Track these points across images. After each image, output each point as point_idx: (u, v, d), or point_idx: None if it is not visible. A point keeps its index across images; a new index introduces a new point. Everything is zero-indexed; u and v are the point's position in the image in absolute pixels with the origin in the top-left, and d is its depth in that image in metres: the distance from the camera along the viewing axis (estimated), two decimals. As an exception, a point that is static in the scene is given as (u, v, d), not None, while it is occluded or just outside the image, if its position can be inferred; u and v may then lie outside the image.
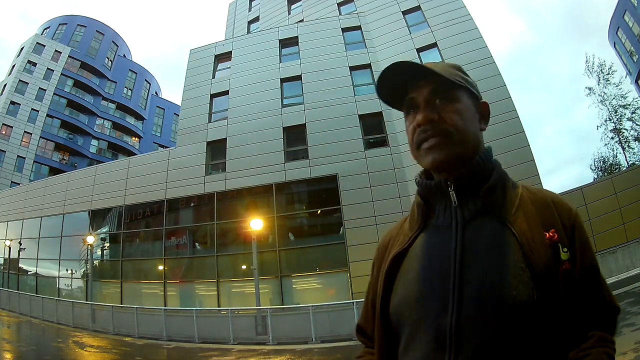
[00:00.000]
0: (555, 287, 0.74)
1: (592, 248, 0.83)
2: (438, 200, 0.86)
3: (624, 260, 11.43)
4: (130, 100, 37.94)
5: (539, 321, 0.72)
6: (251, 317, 11.30)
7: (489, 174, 0.84)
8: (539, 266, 0.74)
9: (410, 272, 0.83)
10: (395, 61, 0.84)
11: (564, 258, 0.77)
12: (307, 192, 15.40)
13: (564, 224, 0.81)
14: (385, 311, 0.86)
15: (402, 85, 0.87)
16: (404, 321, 0.81)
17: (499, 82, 14.44)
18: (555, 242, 0.78)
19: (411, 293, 0.80)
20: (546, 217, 0.81)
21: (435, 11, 16.61)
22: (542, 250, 0.76)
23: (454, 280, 0.76)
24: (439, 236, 0.83)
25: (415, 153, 0.87)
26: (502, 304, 0.72)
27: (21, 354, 9.19)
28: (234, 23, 25.09)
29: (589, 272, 0.79)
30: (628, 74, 29.27)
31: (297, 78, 16.57)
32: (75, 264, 17.95)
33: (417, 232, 0.87)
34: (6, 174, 28.27)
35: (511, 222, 0.79)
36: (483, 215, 0.81)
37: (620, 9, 29.17)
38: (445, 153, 0.81)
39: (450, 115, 0.83)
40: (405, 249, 0.87)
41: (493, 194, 0.82)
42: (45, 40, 33.16)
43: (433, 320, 0.76)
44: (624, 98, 25.32)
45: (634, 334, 5.77)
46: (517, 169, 13.07)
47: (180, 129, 17.55)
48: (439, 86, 0.84)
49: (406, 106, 0.89)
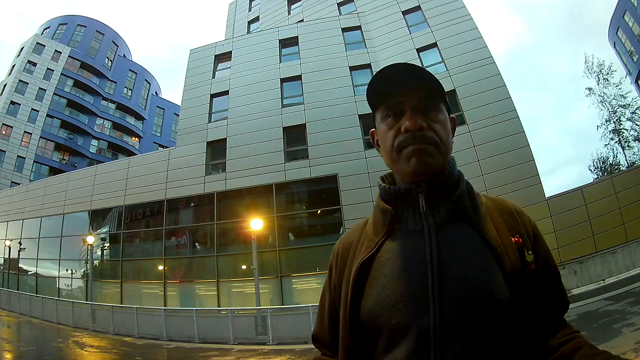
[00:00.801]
0: (523, 287, 0.80)
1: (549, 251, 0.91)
2: (406, 205, 0.87)
3: (624, 260, 11.43)
4: (130, 100, 37.95)
5: (513, 317, 0.78)
6: (251, 317, 11.30)
7: (455, 182, 0.88)
8: (510, 267, 0.80)
9: (383, 276, 0.83)
10: (401, 62, 0.86)
11: (529, 260, 0.84)
12: (307, 192, 15.40)
13: (527, 231, 0.88)
14: (354, 317, 0.84)
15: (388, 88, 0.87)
16: (381, 325, 0.80)
17: (498, 82, 14.44)
18: (521, 245, 0.85)
19: (387, 297, 0.80)
20: (511, 223, 0.88)
21: (435, 11, 16.61)
22: (511, 252, 0.83)
23: (432, 281, 0.78)
24: (411, 241, 0.84)
25: (394, 157, 0.85)
26: (484, 303, 0.76)
27: (21, 354, 9.19)
28: (234, 23, 25.10)
29: (552, 272, 0.88)
30: (628, 74, 29.27)
31: (297, 78, 16.57)
32: (75, 264, 17.95)
33: (384, 237, 0.87)
34: (6, 174, 28.27)
35: (481, 227, 0.84)
36: (453, 221, 0.84)
37: (620, 9, 29.17)
38: (432, 161, 0.83)
39: (437, 126, 0.85)
40: (373, 254, 0.86)
41: (463, 201, 0.86)
42: (45, 40, 33.17)
43: (414, 321, 0.77)
44: (623, 98, 25.32)
45: (634, 334, 5.77)
46: (517, 169, 13.08)
47: (180, 129, 17.55)
48: (429, 95, 0.86)
49: (389, 109, 0.87)
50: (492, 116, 13.83)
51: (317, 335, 1.00)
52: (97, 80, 35.60)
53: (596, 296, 9.67)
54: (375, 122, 0.94)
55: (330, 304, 0.96)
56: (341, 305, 0.89)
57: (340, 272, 0.93)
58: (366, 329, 0.83)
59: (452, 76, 14.89)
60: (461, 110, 14.37)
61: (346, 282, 0.89)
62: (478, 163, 13.34)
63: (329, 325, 0.95)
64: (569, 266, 11.62)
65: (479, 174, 13.17)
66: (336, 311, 0.93)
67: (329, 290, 0.97)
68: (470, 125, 13.95)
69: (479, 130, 13.77)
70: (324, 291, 0.99)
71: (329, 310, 0.96)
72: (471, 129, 13.87)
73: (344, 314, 0.87)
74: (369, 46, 16.84)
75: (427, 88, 0.86)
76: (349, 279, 0.88)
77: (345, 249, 0.95)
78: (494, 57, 15.06)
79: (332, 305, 0.95)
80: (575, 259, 11.74)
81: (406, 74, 0.85)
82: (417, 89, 0.85)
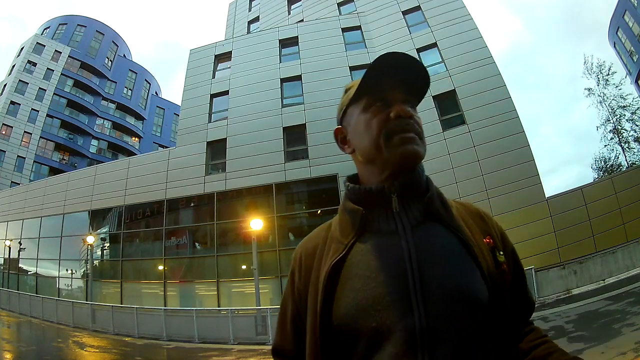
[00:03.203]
0: (499, 286, 0.82)
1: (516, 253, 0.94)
2: (377, 206, 0.85)
3: (624, 260, 11.42)
4: (130, 100, 37.94)
5: (493, 318, 0.79)
6: (251, 317, 11.30)
7: (426, 185, 0.88)
8: (486, 266, 0.81)
9: (357, 278, 0.79)
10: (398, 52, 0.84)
11: (501, 260, 0.86)
12: (307, 192, 15.41)
13: (496, 232, 0.90)
14: (326, 324, 0.79)
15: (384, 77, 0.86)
16: (359, 330, 0.76)
17: (498, 82, 14.43)
18: (492, 247, 0.87)
19: (364, 299, 0.76)
20: (481, 225, 0.89)
21: (435, 11, 16.60)
22: (486, 253, 0.84)
23: (414, 281, 0.76)
24: (385, 241, 0.81)
25: (382, 143, 0.83)
26: (467, 302, 0.76)
27: (21, 354, 9.20)
28: (234, 23, 25.10)
29: (519, 274, 0.91)
30: (628, 74, 29.26)
31: (297, 78, 16.57)
32: (75, 264, 17.95)
33: (354, 239, 0.84)
34: (6, 174, 28.26)
35: (455, 228, 0.84)
36: (427, 221, 0.84)
37: (620, 9, 29.16)
38: (420, 152, 0.84)
39: (419, 121, 0.87)
40: (343, 257, 0.82)
41: (435, 202, 0.86)
42: (45, 40, 33.16)
43: (398, 323, 0.74)
44: (623, 99, 25.29)
45: (634, 334, 5.77)
46: (517, 169, 13.08)
47: (180, 129, 17.55)
48: (414, 92, 0.88)
49: (376, 99, 0.86)
50: (492, 116, 13.82)
51: (279, 347, 0.93)
52: (97, 80, 35.59)
53: (596, 296, 9.67)
54: (346, 118, 0.93)
55: (293, 313, 0.90)
56: (309, 313, 0.84)
57: (305, 278, 0.88)
58: (341, 335, 0.78)
59: (452, 76, 14.88)
60: (461, 110, 14.37)
61: (314, 287, 0.84)
62: (478, 163, 13.33)
63: (293, 336, 0.90)
64: (569, 266, 11.62)
65: (479, 174, 13.17)
66: (301, 320, 0.87)
67: (292, 297, 0.91)
68: (470, 125, 13.94)
69: (479, 130, 13.76)
70: (285, 300, 0.94)
71: (292, 320, 0.90)
72: (471, 129, 13.87)
73: (313, 321, 0.82)
74: (369, 46, 16.84)
75: (416, 86, 0.88)
76: (317, 284, 0.83)
77: (308, 253, 0.90)
78: (493, 57, 15.07)
79: (296, 313, 0.89)
80: (575, 259, 11.73)
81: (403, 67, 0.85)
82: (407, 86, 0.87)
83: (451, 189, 12.93)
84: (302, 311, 0.87)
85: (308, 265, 0.88)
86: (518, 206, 12.48)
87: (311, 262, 0.88)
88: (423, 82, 0.88)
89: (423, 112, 15.42)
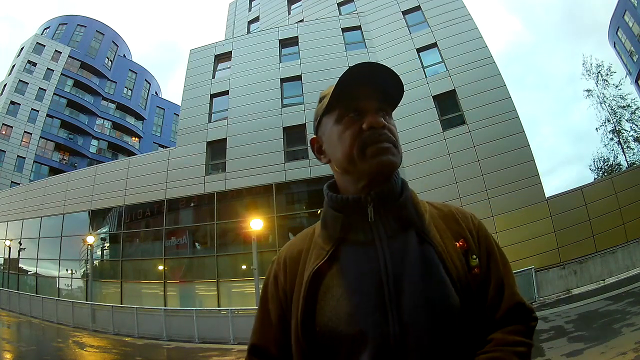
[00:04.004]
0: (470, 292, 0.81)
1: (497, 250, 0.90)
2: (355, 214, 0.86)
3: (624, 260, 11.43)
4: (130, 100, 37.93)
5: (466, 324, 0.79)
6: (251, 317, 11.20)
7: (400, 191, 0.88)
8: (456, 273, 0.81)
9: (337, 287, 0.82)
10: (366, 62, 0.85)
11: (473, 264, 0.85)
12: (307, 192, 15.40)
13: (471, 233, 0.88)
14: (309, 330, 0.81)
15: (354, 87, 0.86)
16: (339, 336, 0.78)
17: (498, 82, 14.43)
18: (466, 250, 0.86)
19: (344, 307, 0.79)
20: (454, 228, 0.88)
21: (435, 11, 16.60)
22: (456, 258, 0.83)
23: (389, 291, 0.79)
24: (363, 251, 0.83)
25: (356, 155, 0.84)
26: (438, 310, 0.77)
27: (21, 354, 9.20)
28: (234, 23, 25.10)
29: (493, 273, 0.86)
30: (628, 74, 29.26)
31: (297, 78, 16.57)
32: (75, 264, 17.95)
33: (335, 246, 0.86)
34: (6, 174, 28.26)
35: (427, 235, 0.85)
36: (402, 230, 0.85)
37: (620, 9, 29.16)
38: (395, 162, 0.84)
39: (394, 129, 0.87)
40: (324, 264, 0.84)
41: (406, 209, 0.86)
42: (45, 40, 33.16)
43: (374, 330, 0.77)
44: (623, 99, 25.29)
45: (634, 334, 5.76)
46: (517, 169, 13.07)
47: (180, 129, 17.56)
48: (388, 100, 0.88)
49: (348, 109, 0.86)
50: (492, 116, 13.81)
51: (260, 347, 0.91)
52: (97, 80, 35.58)
53: (596, 296, 9.67)
54: (321, 128, 0.93)
55: (278, 313, 0.89)
56: (292, 316, 0.85)
57: (291, 282, 0.88)
58: (324, 340, 0.80)
59: (452, 76, 14.88)
60: (461, 110, 14.37)
61: (297, 292, 0.85)
62: (478, 163, 13.33)
63: (279, 336, 0.89)
64: (569, 266, 11.62)
65: (479, 174, 13.17)
66: (287, 322, 0.87)
67: (277, 298, 0.90)
68: (470, 125, 13.94)
69: (479, 130, 13.76)
70: (264, 300, 0.93)
71: (279, 319, 0.89)
72: (471, 129, 13.87)
73: (295, 324, 0.84)
74: (369, 46, 16.84)
75: (388, 95, 0.87)
76: (300, 289, 0.85)
77: (293, 257, 0.91)
78: (493, 57, 15.07)
79: (282, 315, 0.89)
80: (575, 259, 11.73)
81: (373, 76, 0.86)
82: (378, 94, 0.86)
83: (451, 189, 12.94)
84: (289, 313, 0.87)
85: (293, 269, 0.89)
86: (518, 206, 12.47)
87: (296, 266, 0.89)
88: (396, 90, 0.87)
89: (423, 112, 15.40)
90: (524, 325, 0.85)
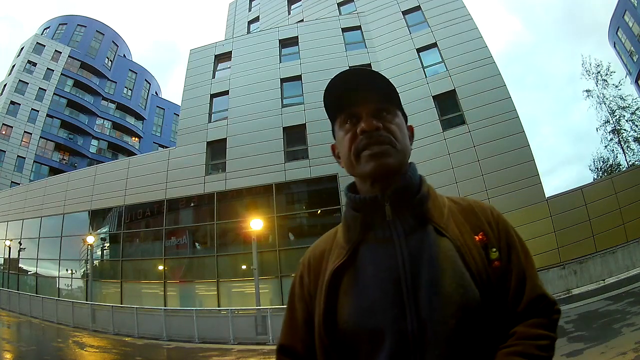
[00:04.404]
0: (491, 285, 0.81)
1: (518, 242, 0.90)
2: (373, 213, 0.88)
3: (624, 260, 11.43)
4: (130, 100, 37.93)
5: (487, 317, 0.79)
6: (251, 317, 11.29)
7: (418, 187, 0.90)
8: (475, 266, 0.82)
9: (357, 284, 0.84)
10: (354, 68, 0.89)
11: (494, 257, 0.84)
12: (307, 192, 15.41)
13: (491, 226, 0.88)
14: (331, 327, 0.84)
15: (345, 94, 0.89)
16: (358, 332, 0.81)
17: (498, 82, 14.44)
18: (485, 243, 0.85)
19: (363, 303, 0.82)
20: (473, 222, 0.88)
21: (435, 11, 16.60)
22: (475, 252, 0.84)
23: (407, 287, 0.80)
24: (382, 248, 0.85)
25: (353, 161, 0.88)
26: (454, 304, 0.77)
27: (21, 353, 9.20)
28: (234, 23, 25.10)
29: (514, 265, 0.86)
30: (628, 74, 29.25)
31: (297, 78, 16.57)
32: (75, 264, 17.95)
33: (355, 245, 0.88)
34: (6, 174, 28.26)
35: (445, 230, 0.85)
36: (420, 226, 0.86)
37: (620, 9, 29.17)
38: (390, 160, 0.86)
39: (393, 127, 0.88)
40: (346, 262, 0.87)
41: (425, 204, 0.88)
42: (45, 40, 33.15)
43: (392, 325, 0.78)
44: (623, 99, 25.28)
45: (634, 334, 5.77)
46: (517, 169, 13.08)
47: (180, 129, 17.56)
48: (384, 99, 0.90)
49: (347, 116, 0.90)
50: (492, 116, 13.82)
51: (289, 347, 0.94)
52: (97, 80, 35.58)
53: (596, 296, 9.68)
54: (334, 134, 0.97)
55: (304, 314, 0.93)
56: (316, 314, 0.88)
57: (314, 282, 0.92)
58: (345, 337, 0.82)
59: (452, 76, 14.89)
60: (461, 110, 14.37)
61: (320, 290, 0.89)
62: (478, 163, 13.33)
63: (305, 336, 0.92)
64: (569, 266, 11.62)
65: (479, 174, 13.17)
66: (312, 322, 0.90)
67: (302, 299, 0.94)
68: (470, 125, 13.95)
69: (479, 130, 13.76)
70: (292, 302, 0.96)
71: (304, 320, 0.92)
72: (471, 129, 13.87)
73: (318, 322, 0.86)
74: (369, 46, 16.84)
75: (381, 94, 0.89)
76: (322, 287, 0.88)
77: (316, 258, 0.95)
78: (493, 57, 15.07)
79: (306, 315, 0.92)
80: (575, 259, 11.73)
81: (360, 80, 0.89)
82: (372, 95, 0.88)
83: (451, 189, 12.93)
84: (313, 313, 0.90)
85: (316, 270, 0.93)
86: (518, 206, 12.47)
87: (319, 266, 0.93)
88: (384, 85, 0.89)
89: (423, 112, 15.40)
90: (547, 318, 0.84)
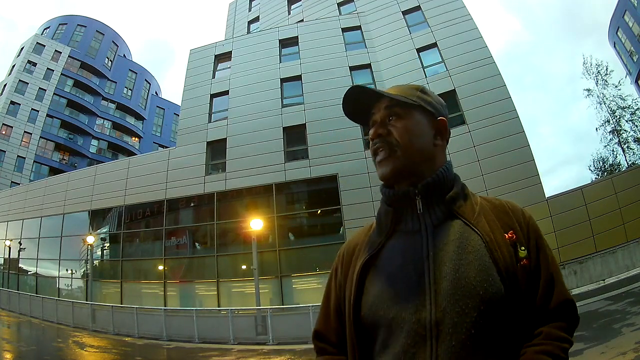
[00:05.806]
0: (517, 282, 0.83)
1: (547, 246, 0.92)
2: (405, 207, 0.93)
3: (624, 260, 11.43)
4: (130, 100, 37.93)
5: (510, 312, 0.81)
6: (251, 317, 11.30)
7: (450, 184, 0.94)
8: (503, 262, 0.84)
9: (383, 274, 0.89)
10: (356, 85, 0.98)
11: (522, 255, 0.87)
12: (307, 192, 15.41)
13: (521, 226, 0.91)
14: (357, 314, 0.90)
15: (367, 105, 0.98)
16: (379, 321, 0.85)
17: (498, 82, 14.43)
18: (514, 241, 0.88)
19: (385, 293, 0.86)
20: (504, 221, 0.91)
21: (435, 11, 16.60)
22: (504, 248, 0.86)
23: (429, 277, 0.83)
24: (410, 240, 0.90)
25: (375, 164, 0.97)
26: (477, 296, 0.80)
27: (21, 353, 9.19)
28: (234, 23, 25.10)
29: (543, 267, 0.88)
30: (628, 74, 29.25)
31: (297, 78, 16.57)
32: (75, 264, 17.95)
33: (386, 238, 0.93)
34: (6, 174, 28.26)
35: (475, 225, 0.88)
36: (449, 220, 0.90)
37: (620, 9, 29.16)
38: (391, 168, 0.92)
39: (398, 131, 0.93)
40: (375, 254, 0.92)
41: (457, 201, 0.92)
42: (45, 40, 33.15)
43: (412, 315, 0.82)
44: (623, 99, 25.28)
45: (634, 334, 5.77)
46: (517, 169, 13.08)
47: (180, 129, 17.56)
48: (393, 105, 0.95)
49: (370, 123, 0.99)
50: (492, 116, 13.82)
51: (321, 333, 1.02)
52: (97, 80, 35.58)
53: (596, 296, 9.68)
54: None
55: (336, 304, 1.00)
56: (345, 304, 0.94)
57: (345, 273, 0.98)
58: (367, 324, 0.88)
59: (452, 76, 14.88)
60: (461, 110, 14.37)
61: (350, 281, 0.94)
62: (478, 163, 13.33)
63: (336, 325, 0.99)
64: (569, 266, 11.62)
65: (479, 174, 13.17)
66: (342, 311, 0.97)
67: (335, 289, 1.01)
68: (470, 125, 13.94)
69: (479, 130, 13.76)
70: (328, 291, 1.04)
71: (336, 310, 0.99)
72: (471, 129, 13.87)
73: (348, 311, 0.93)
74: (369, 46, 16.84)
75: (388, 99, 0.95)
76: (352, 278, 0.94)
77: (349, 251, 1.01)
78: (493, 57, 15.06)
79: (338, 305, 0.99)
80: (575, 259, 11.73)
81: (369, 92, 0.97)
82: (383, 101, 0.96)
83: (451, 189, 12.92)
84: (343, 303, 0.97)
85: (348, 262, 0.99)
86: (518, 206, 12.45)
87: (350, 259, 0.99)
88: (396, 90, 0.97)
89: (423, 112, 15.52)
90: (569, 323, 0.87)
